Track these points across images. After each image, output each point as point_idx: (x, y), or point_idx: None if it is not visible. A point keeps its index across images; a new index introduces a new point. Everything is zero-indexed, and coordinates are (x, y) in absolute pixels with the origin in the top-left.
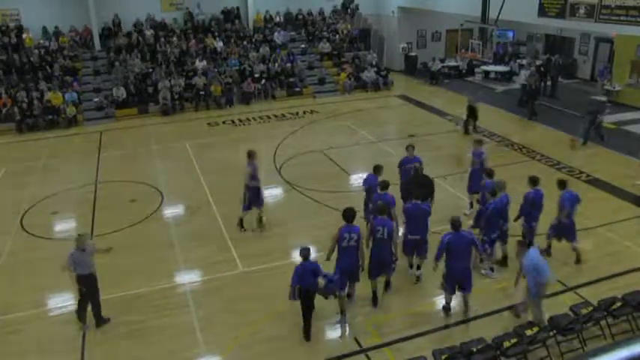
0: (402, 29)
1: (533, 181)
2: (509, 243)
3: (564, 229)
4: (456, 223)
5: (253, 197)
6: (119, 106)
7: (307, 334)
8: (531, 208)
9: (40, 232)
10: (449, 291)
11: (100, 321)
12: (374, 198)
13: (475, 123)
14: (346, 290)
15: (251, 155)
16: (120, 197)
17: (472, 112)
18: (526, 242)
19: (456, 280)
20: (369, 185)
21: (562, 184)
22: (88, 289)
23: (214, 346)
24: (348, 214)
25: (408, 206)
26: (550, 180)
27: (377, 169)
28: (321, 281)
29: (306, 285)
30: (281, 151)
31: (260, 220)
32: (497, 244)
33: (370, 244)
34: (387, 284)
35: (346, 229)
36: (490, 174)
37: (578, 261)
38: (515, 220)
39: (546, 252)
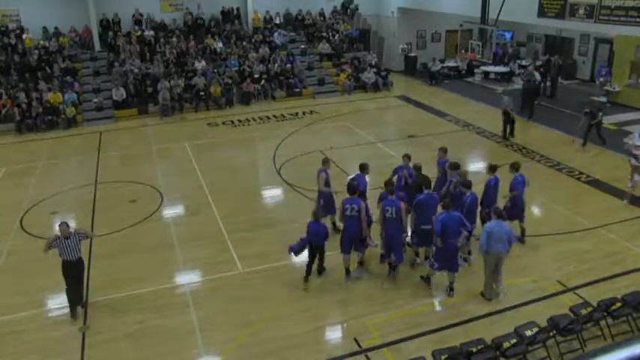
0: (401, 30)
1: (492, 168)
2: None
3: (517, 211)
4: (446, 205)
5: (327, 204)
6: (119, 106)
7: (306, 275)
8: (493, 192)
9: (39, 232)
10: (436, 270)
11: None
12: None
13: (510, 127)
14: (357, 258)
15: (325, 162)
16: (120, 198)
17: (507, 117)
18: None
19: (447, 259)
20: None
21: (514, 167)
22: (77, 274)
23: (214, 347)
24: (350, 188)
25: (421, 197)
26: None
27: (363, 168)
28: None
29: (315, 241)
30: (281, 152)
31: (334, 225)
32: None
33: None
34: (393, 267)
35: (348, 200)
36: (456, 167)
37: (522, 236)
38: (486, 207)
39: (520, 239)
